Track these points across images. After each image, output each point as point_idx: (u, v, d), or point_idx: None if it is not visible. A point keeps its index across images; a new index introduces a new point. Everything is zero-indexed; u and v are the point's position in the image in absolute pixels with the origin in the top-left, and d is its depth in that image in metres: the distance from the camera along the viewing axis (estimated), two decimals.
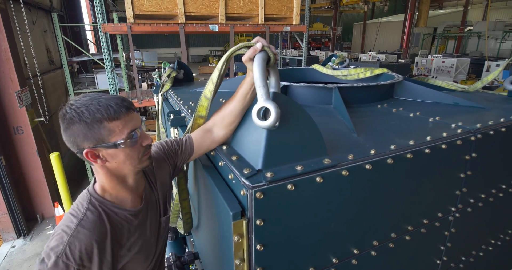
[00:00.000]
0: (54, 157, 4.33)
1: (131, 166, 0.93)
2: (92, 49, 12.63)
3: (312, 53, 18.61)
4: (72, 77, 5.72)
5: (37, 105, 4.93)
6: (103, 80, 5.50)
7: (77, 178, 6.04)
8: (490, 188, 1.44)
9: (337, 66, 2.40)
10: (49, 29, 7.72)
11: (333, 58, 2.48)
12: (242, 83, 1.10)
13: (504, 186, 1.50)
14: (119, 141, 0.86)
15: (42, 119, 4.95)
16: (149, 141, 0.95)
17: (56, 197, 4.92)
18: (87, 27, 11.57)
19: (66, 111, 0.85)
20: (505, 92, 1.86)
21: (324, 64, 2.43)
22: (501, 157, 1.40)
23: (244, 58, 0.98)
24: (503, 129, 1.30)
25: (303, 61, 6.36)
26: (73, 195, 4.97)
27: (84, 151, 0.85)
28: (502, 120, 1.33)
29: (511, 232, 1.75)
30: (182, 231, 1.55)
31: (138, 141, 0.91)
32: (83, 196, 0.95)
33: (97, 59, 5.44)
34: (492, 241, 1.65)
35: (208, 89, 1.11)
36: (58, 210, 4.61)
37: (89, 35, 12.86)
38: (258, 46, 0.94)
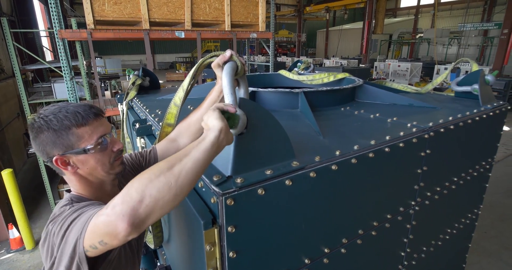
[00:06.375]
0: (6, 174, 3.96)
1: (103, 172, 0.92)
2: (49, 56, 11.84)
3: (279, 59, 19.05)
4: (26, 86, 5.29)
5: None
6: (62, 89, 5.15)
7: (34, 195, 5.56)
8: (444, 181, 1.57)
9: (302, 71, 2.48)
10: None
11: (299, 63, 2.57)
12: (211, 91, 1.11)
13: (455, 179, 1.64)
14: (88, 146, 0.87)
15: None
16: (120, 146, 0.95)
17: (10, 218, 4.48)
18: (43, 33, 10.83)
19: (34, 120, 0.86)
20: (453, 93, 2.05)
21: (290, 69, 2.51)
22: (451, 152, 1.53)
23: (213, 64, 1.01)
24: (451, 127, 1.43)
25: (270, 67, 6.48)
26: (29, 215, 4.56)
27: (54, 159, 0.85)
28: (450, 118, 1.46)
29: (464, 221, 1.91)
30: (152, 246, 1.49)
31: (109, 147, 0.92)
32: (60, 202, 0.92)
33: (54, 67, 5.09)
34: (448, 231, 1.79)
35: (178, 96, 1.11)
36: (13, 232, 4.20)
37: (45, 42, 12.04)
38: (227, 53, 0.99)
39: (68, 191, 0.96)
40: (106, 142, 0.90)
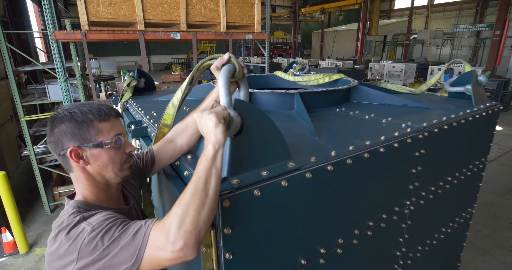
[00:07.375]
0: None
1: (112, 172, 0.92)
2: (43, 57, 11.71)
3: (274, 60, 19.13)
4: (19, 88, 5.22)
5: None
6: (56, 91, 5.09)
7: (28, 198, 5.49)
8: (438, 181, 1.59)
9: (298, 73, 2.49)
10: None
11: (294, 64, 2.58)
12: (210, 93, 1.12)
13: (449, 178, 1.65)
14: (106, 141, 0.89)
15: None
16: (132, 149, 0.96)
17: (3, 222, 4.42)
18: (36, 34, 10.71)
19: (57, 112, 0.89)
20: (446, 93, 2.07)
21: (286, 70, 2.52)
22: (445, 152, 1.55)
23: (212, 67, 1.03)
24: (445, 127, 1.45)
25: (266, 68, 6.50)
26: (23, 219, 4.51)
27: (69, 149, 0.86)
28: (444, 118, 1.48)
29: (458, 220, 1.93)
30: None
31: (122, 147, 0.94)
32: (65, 210, 0.88)
33: (48, 69, 5.04)
34: (443, 230, 1.80)
35: (177, 97, 1.12)
36: (6, 236, 4.14)
37: (39, 43, 11.92)
38: (225, 56, 1.01)
39: (70, 197, 0.93)
40: (120, 141, 0.92)
